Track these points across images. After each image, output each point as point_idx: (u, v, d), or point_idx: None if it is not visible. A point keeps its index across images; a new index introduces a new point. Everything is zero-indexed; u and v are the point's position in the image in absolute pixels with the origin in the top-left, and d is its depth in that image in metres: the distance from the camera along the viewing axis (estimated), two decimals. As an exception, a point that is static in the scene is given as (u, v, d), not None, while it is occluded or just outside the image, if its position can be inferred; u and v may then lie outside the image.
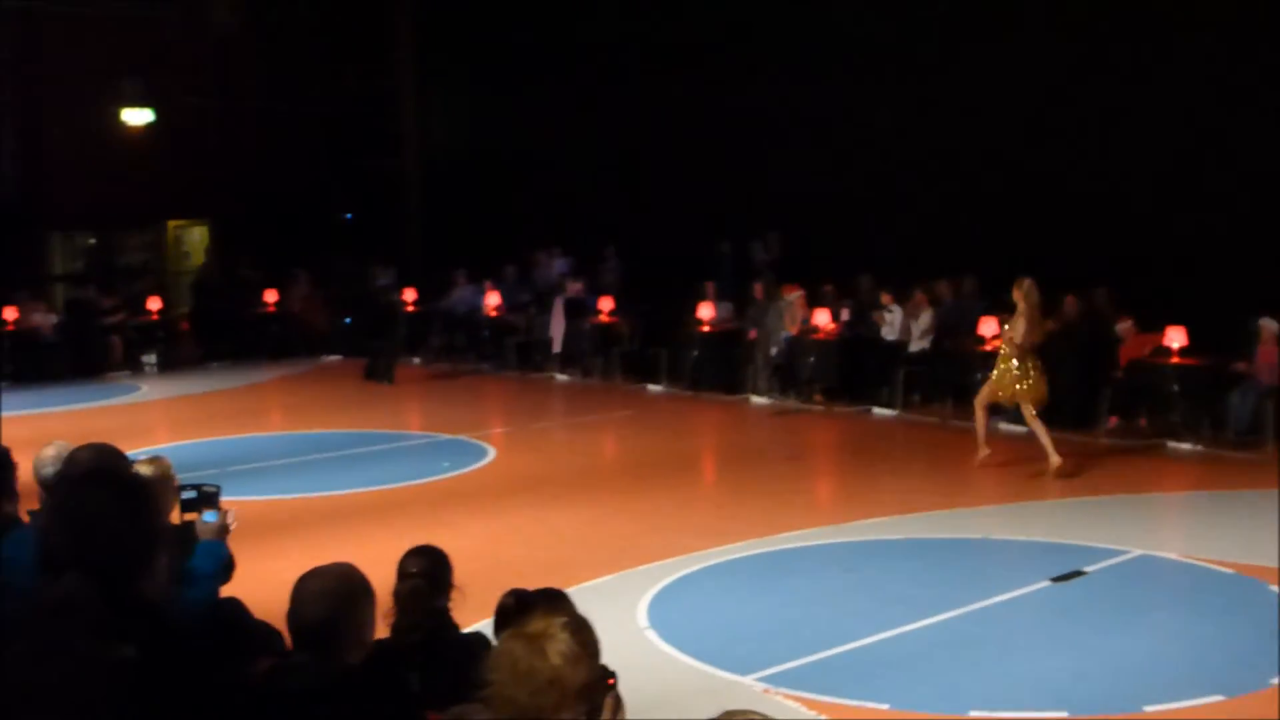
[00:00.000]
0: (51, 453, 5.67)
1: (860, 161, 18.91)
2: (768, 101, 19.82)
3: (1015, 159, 17.42)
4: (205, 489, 4.87)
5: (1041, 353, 13.31)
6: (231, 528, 5.36)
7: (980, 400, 13.59)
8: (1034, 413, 13.12)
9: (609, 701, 3.87)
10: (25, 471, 6.38)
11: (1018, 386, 13.09)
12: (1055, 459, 13.03)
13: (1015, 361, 13.09)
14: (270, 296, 23.15)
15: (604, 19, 22.27)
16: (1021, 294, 13.02)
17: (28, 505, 5.98)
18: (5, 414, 17.13)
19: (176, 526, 4.75)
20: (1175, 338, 14.46)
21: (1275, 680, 7.55)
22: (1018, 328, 13.05)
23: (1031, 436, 13.47)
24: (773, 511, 11.69)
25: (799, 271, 18.58)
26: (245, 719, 3.39)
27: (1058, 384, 15.19)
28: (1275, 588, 9.21)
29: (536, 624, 3.30)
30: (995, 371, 13.32)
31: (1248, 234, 15.29)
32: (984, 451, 13.42)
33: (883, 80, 18.70)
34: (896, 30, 18.58)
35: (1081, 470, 13.24)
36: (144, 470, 5.03)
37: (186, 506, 4.82)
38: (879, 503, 12.03)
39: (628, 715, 4.03)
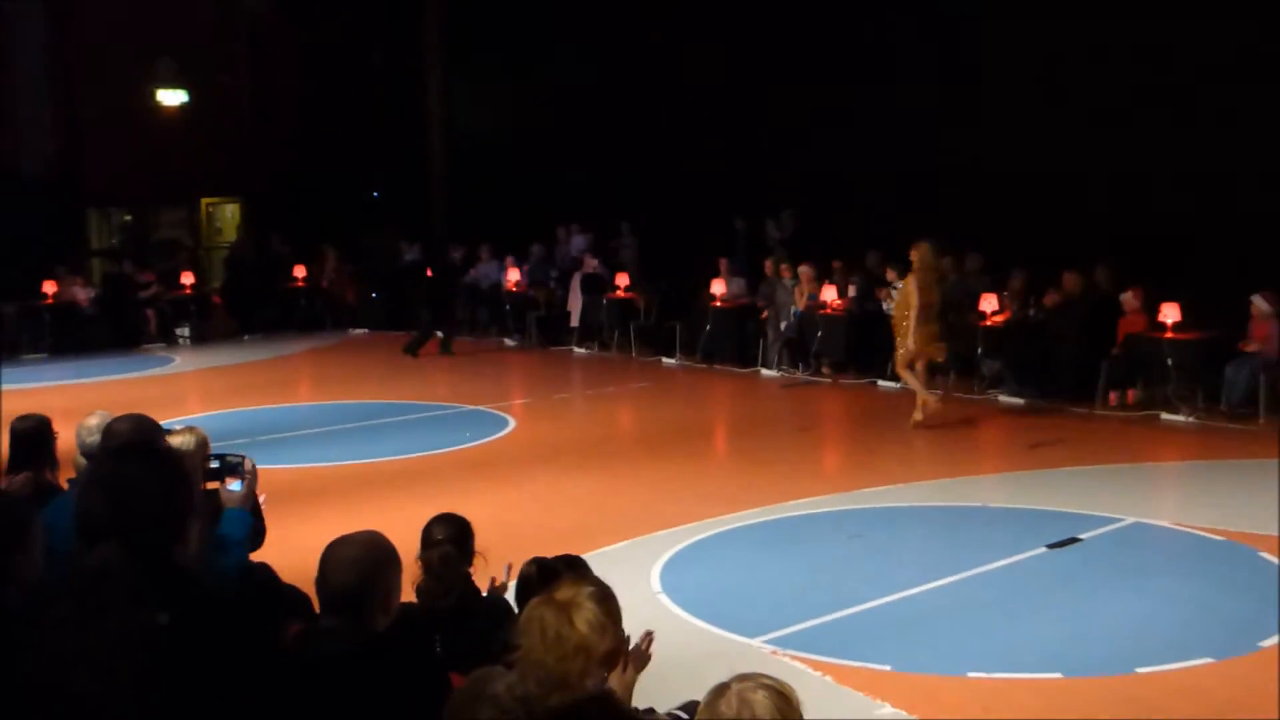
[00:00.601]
0: (94, 422, 5.72)
1: (871, 142, 18.83)
2: (783, 82, 19.75)
3: (1019, 139, 17.34)
4: (229, 458, 4.88)
5: (942, 313, 13.95)
6: (261, 500, 5.39)
7: (900, 365, 14.08)
8: (921, 367, 13.84)
9: (624, 662, 3.90)
10: (64, 440, 6.44)
11: (922, 344, 13.65)
12: (933, 405, 13.70)
13: (912, 321, 13.57)
14: (300, 272, 23.18)
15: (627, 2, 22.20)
16: (916, 256, 13.54)
17: (66, 474, 6.03)
18: (45, 384, 17.27)
19: (206, 494, 4.77)
20: (1170, 313, 14.42)
21: (1263, 643, 7.57)
22: (909, 288, 13.56)
23: (1028, 408, 13.46)
24: (782, 480, 11.71)
25: (811, 249, 18.55)
26: (276, 683, 3.41)
27: (1059, 357, 15.25)
28: (1265, 554, 9.22)
29: (565, 592, 3.32)
30: (898, 335, 13.80)
31: (1243, 213, 15.22)
32: (931, 404, 13.83)
33: (893, 63, 18.63)
34: (903, 15, 18.49)
35: (1078, 440, 13.23)
36: (179, 440, 5.05)
37: (210, 475, 4.84)
38: (884, 471, 12.05)
39: (641, 675, 4.06)
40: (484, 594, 5.39)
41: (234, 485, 4.84)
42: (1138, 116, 16.31)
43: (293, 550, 5.55)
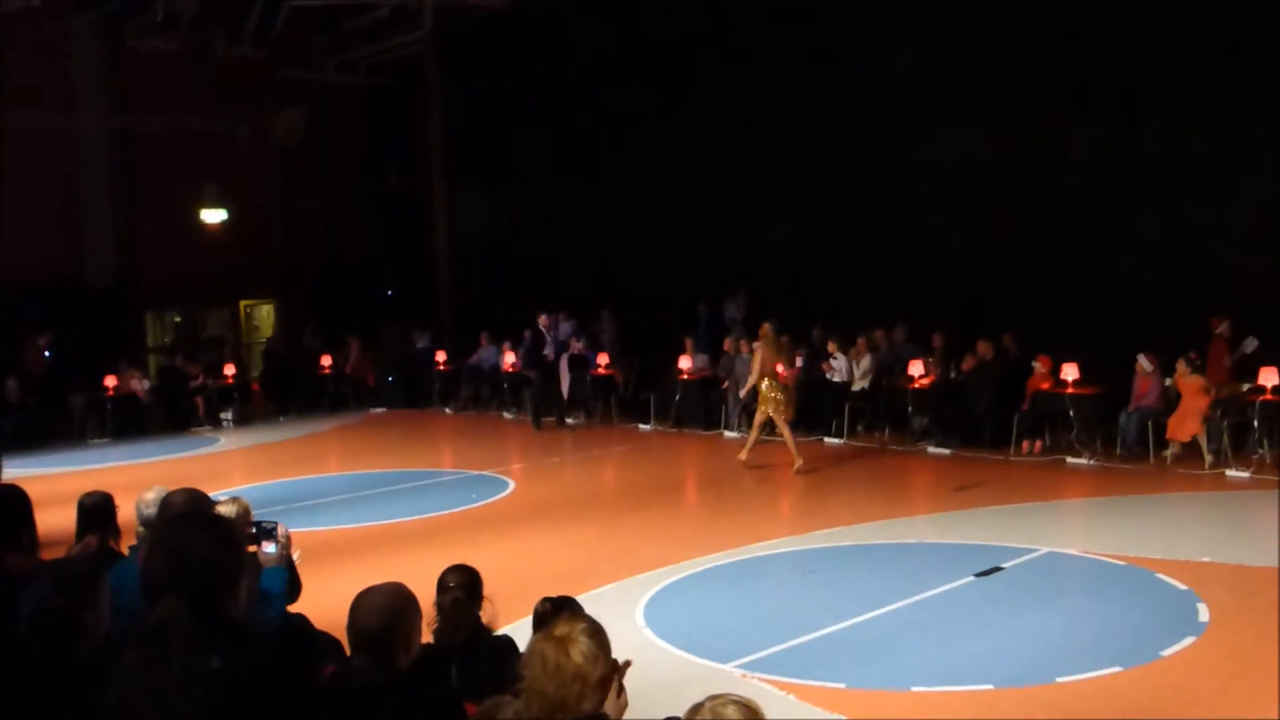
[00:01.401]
0: (151, 496, 5.67)
1: (811, 236, 19.00)
2: (737, 189, 19.93)
3: (937, 227, 17.51)
4: (264, 524, 4.88)
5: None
6: (295, 557, 5.34)
7: (756, 423, 14.70)
8: (759, 421, 14.54)
9: (615, 685, 3.87)
10: (125, 512, 6.39)
11: (773, 402, 14.18)
12: (799, 461, 14.21)
13: (765, 386, 14.20)
14: (327, 360, 23.16)
15: (601, 120, 22.41)
16: (761, 334, 14.44)
17: (127, 541, 5.98)
18: (108, 465, 17.14)
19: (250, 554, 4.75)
20: (1070, 371, 14.51)
21: (1164, 653, 7.55)
22: (757, 360, 14.31)
23: (953, 457, 13.50)
24: (746, 526, 11.68)
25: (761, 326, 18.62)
26: (315, 717, 3.38)
27: (977, 413, 15.31)
28: (1160, 575, 9.22)
29: (561, 628, 3.31)
30: (759, 397, 14.40)
31: (1130, 284, 15.38)
32: (750, 452, 14.78)
33: (823, 169, 18.81)
34: (825, 120, 18.71)
35: (997, 483, 13.24)
36: (225, 509, 5.02)
37: (249, 540, 4.83)
38: (832, 515, 12.02)
39: (629, 698, 4.03)
40: (493, 633, 5.34)
41: (269, 548, 4.83)
42: (1030, 204, 16.50)
43: (326, 601, 5.49)
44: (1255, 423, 13.30)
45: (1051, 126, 16.24)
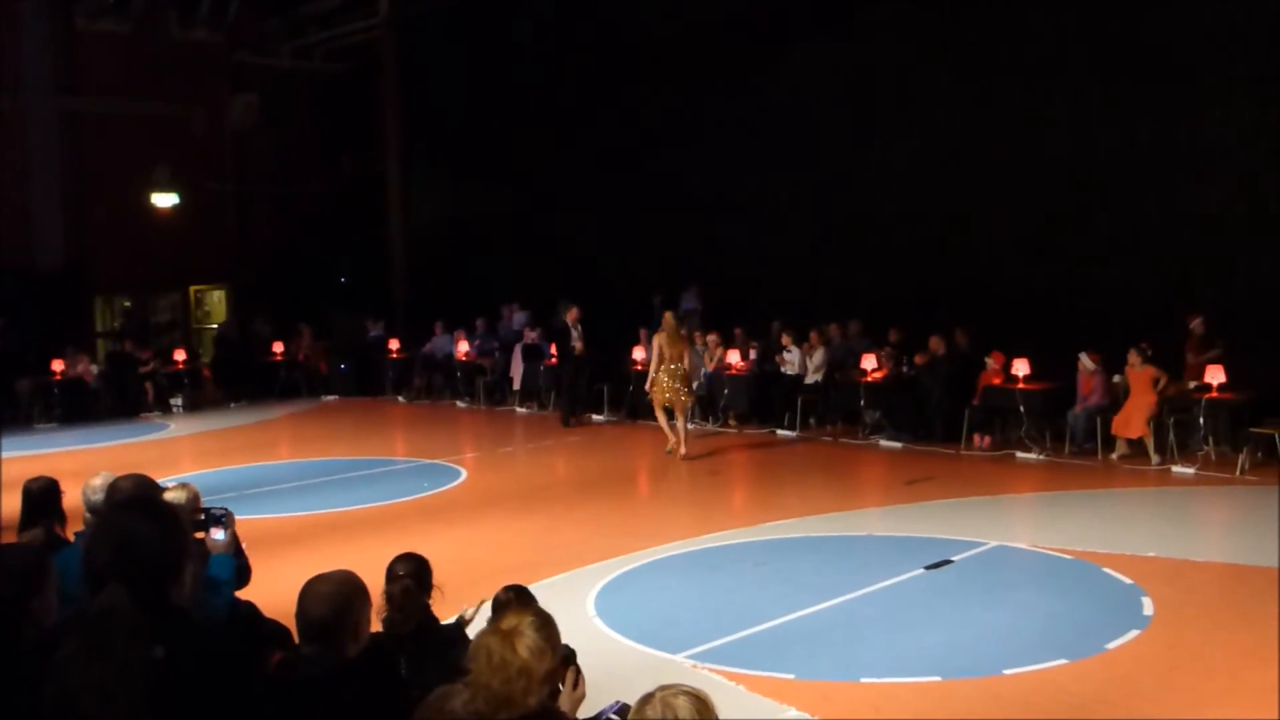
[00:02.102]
0: (98, 482, 5.58)
1: (767, 229, 19.05)
2: (695, 181, 19.92)
3: (891, 224, 17.61)
4: (213, 511, 4.82)
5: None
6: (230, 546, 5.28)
7: (657, 407, 14.96)
8: (661, 411, 14.87)
9: (570, 674, 3.85)
10: (71, 498, 6.29)
11: (673, 392, 14.59)
12: (683, 449, 14.60)
13: (664, 375, 14.55)
14: (278, 347, 22.96)
15: (559, 110, 22.34)
16: (663, 324, 14.70)
17: (74, 527, 5.89)
18: (55, 450, 16.90)
19: (197, 541, 4.68)
20: (1020, 367, 14.61)
21: (1109, 645, 7.63)
22: (656, 349, 14.67)
23: (905, 451, 13.58)
24: (697, 517, 11.69)
25: (716, 319, 18.66)
26: (262, 706, 3.34)
27: (929, 407, 15.40)
28: (1107, 570, 9.31)
29: (509, 621, 3.28)
30: (654, 385, 14.78)
31: (1084, 281, 15.53)
32: (671, 442, 14.90)
33: (781, 164, 18.85)
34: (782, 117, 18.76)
35: (948, 477, 13.33)
36: (173, 495, 4.95)
37: (198, 526, 4.77)
38: (784, 507, 12.04)
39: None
40: (442, 622, 5.31)
41: (218, 534, 4.77)
42: (983, 201, 16.61)
43: (275, 588, 5.43)
44: (1201, 420, 13.45)
45: (1006, 122, 16.35)
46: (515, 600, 4.86)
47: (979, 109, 16.67)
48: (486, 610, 5.03)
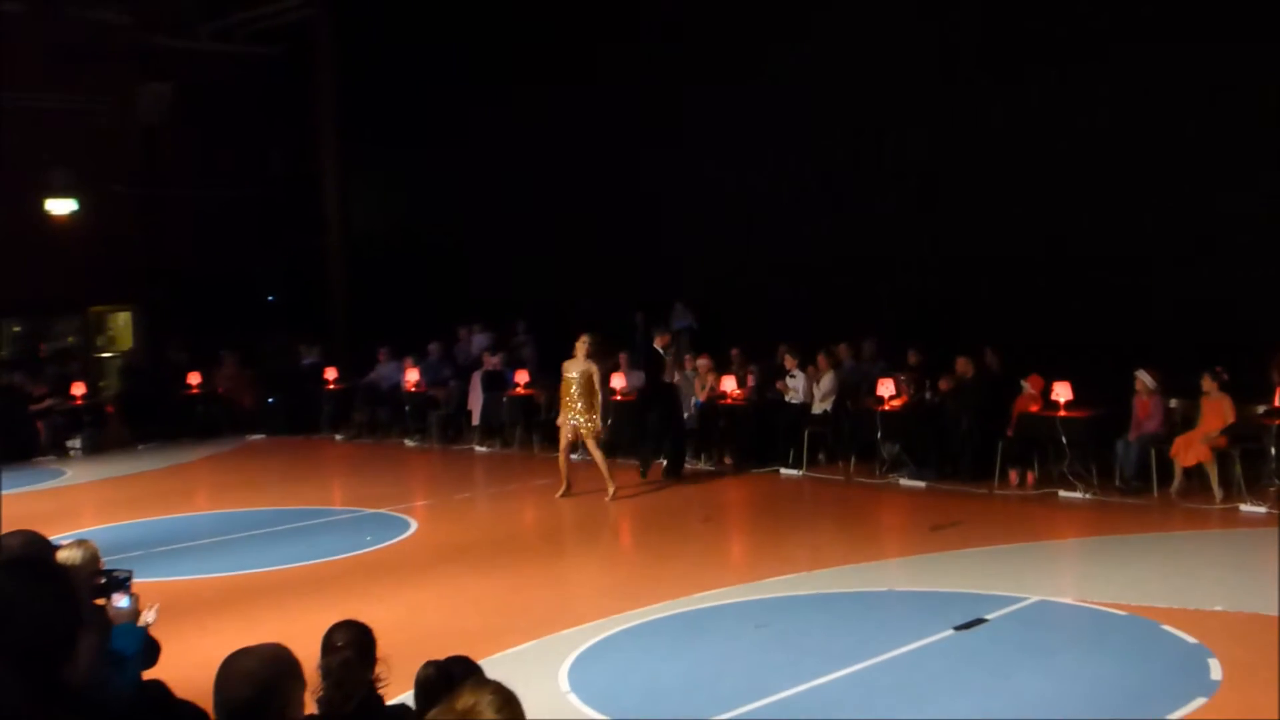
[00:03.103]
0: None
1: (767, 235, 19.08)
2: (680, 181, 19.96)
3: (909, 227, 17.65)
4: (116, 574, 4.74)
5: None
6: (150, 619, 5.20)
7: (562, 443, 15.48)
8: (595, 445, 15.21)
9: None
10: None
11: (580, 424, 15.10)
12: (612, 487, 15.10)
13: (576, 404, 15.09)
14: (195, 378, 22.86)
15: (519, 101, 22.36)
16: (581, 344, 15.12)
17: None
18: (-66, 501, 16.76)
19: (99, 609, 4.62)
20: (1061, 392, 14.63)
21: (1170, 717, 7.59)
22: (574, 372, 15.11)
23: (928, 491, 13.61)
24: (688, 572, 11.64)
25: (708, 339, 18.67)
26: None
27: (956, 439, 15.39)
28: (1166, 627, 9.29)
29: (465, 699, 3.23)
30: (562, 414, 15.31)
31: (1135, 292, 15.56)
32: (563, 487, 15.43)
33: (782, 162, 18.90)
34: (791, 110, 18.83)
35: (979, 521, 13.31)
36: (66, 555, 4.88)
37: (97, 591, 4.69)
38: (789, 559, 12.01)
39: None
40: (389, 702, 5.24)
41: (121, 601, 4.70)
42: (1016, 202, 16.66)
43: (192, 664, 5.37)
44: (1272, 450, 13.47)
45: (1040, 106, 16.43)
46: (448, 677, 4.78)
47: (1007, 101, 16.75)
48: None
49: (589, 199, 21.23)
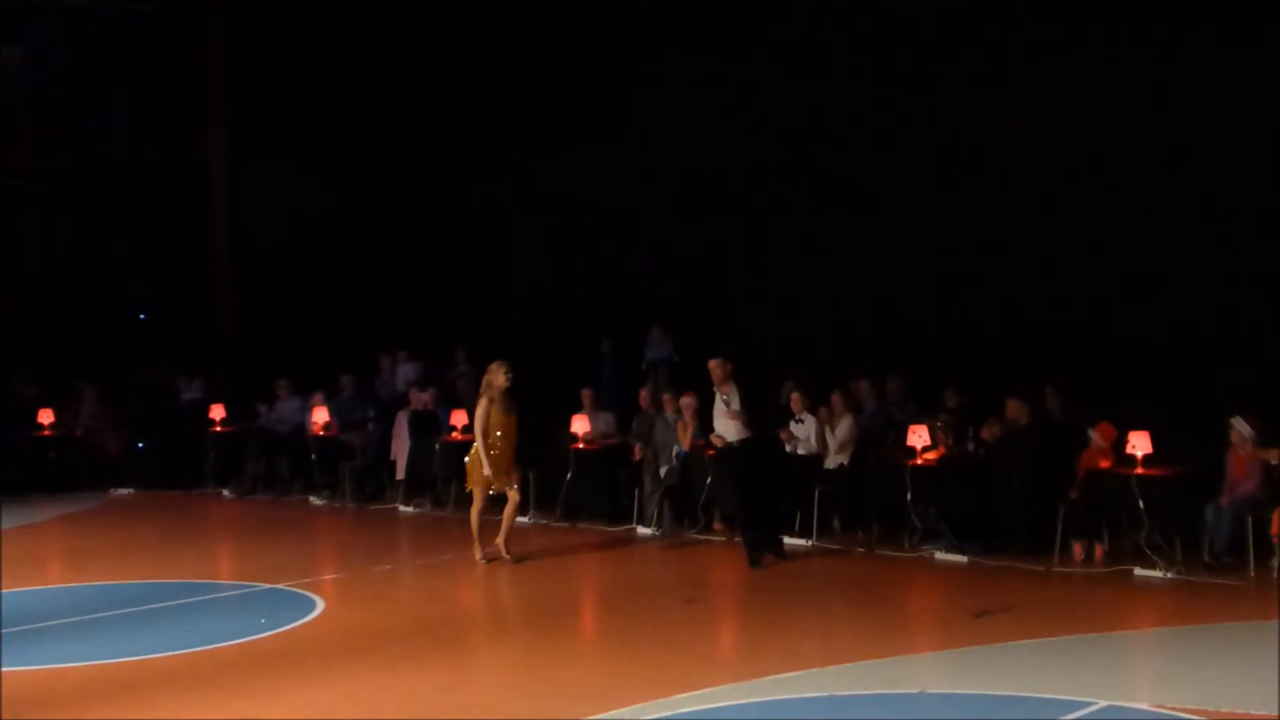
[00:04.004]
0: None
1: (760, 243, 19.09)
2: (657, 175, 19.99)
3: (945, 232, 17.68)
4: None
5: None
6: None
7: (479, 498, 15.82)
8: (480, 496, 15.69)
9: None
10: None
11: (480, 475, 15.52)
12: (502, 541, 15.58)
13: (482, 449, 15.45)
14: (47, 417, 22.73)
15: (455, 81, 22.38)
16: (490, 377, 15.44)
17: None
18: None
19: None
20: (1139, 444, 14.61)
21: None
22: (481, 411, 15.43)
23: (971, 567, 13.57)
24: (668, 667, 11.56)
25: (692, 374, 18.64)
26: None
27: (1006, 503, 15.36)
28: (1269, 742, 9.27)
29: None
30: (479, 465, 15.58)
31: (1223, 321, 15.61)
32: (491, 548, 15.69)
33: (781, 148, 18.95)
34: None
35: (1035, 606, 13.28)
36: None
37: None
38: (795, 653, 11.93)
39: None
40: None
41: None
42: (1084, 206, 16.74)
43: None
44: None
45: (1107, 76, 16.56)
46: None
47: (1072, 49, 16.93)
48: None
49: (543, 196, 21.21)
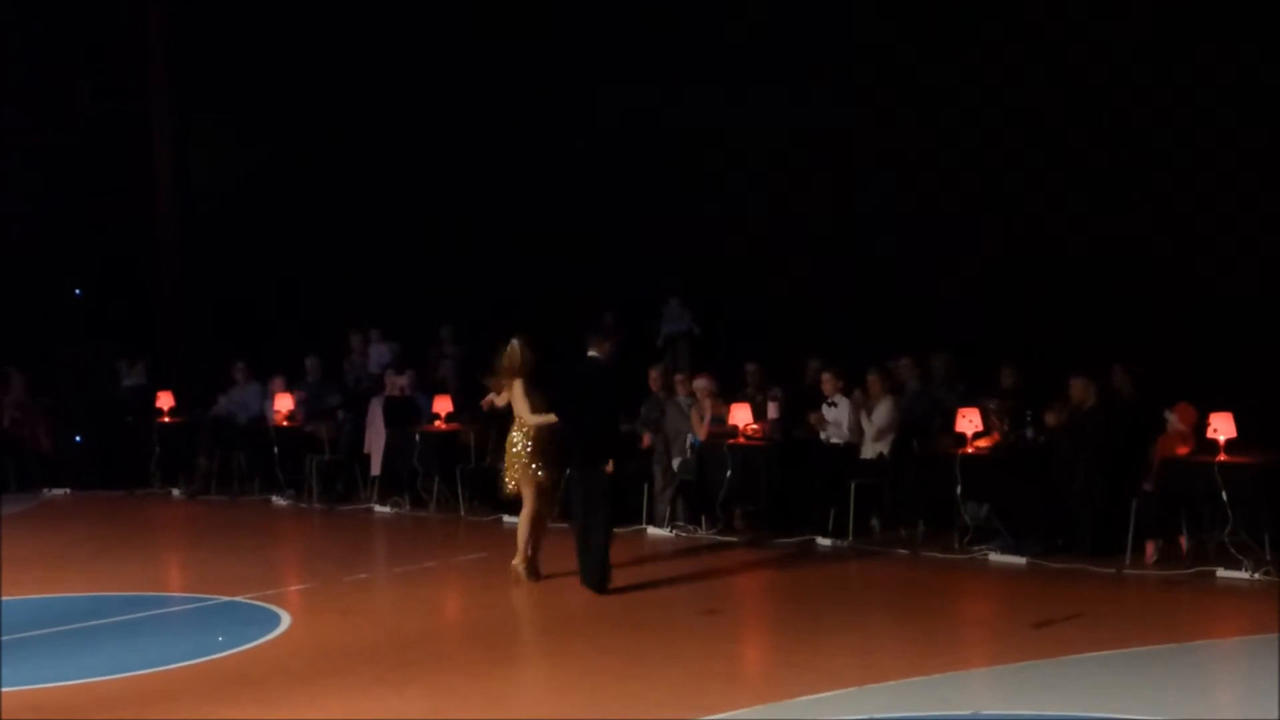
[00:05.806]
0: None
1: (786, 201, 19.12)
2: (670, 121, 20.02)
3: (996, 188, 17.71)
4: None
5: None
6: None
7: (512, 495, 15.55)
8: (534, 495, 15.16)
9: None
10: None
11: (530, 472, 15.03)
12: (522, 556, 15.24)
13: (519, 441, 15.03)
14: (-34, 408, 22.85)
15: (430, 18, 22.40)
16: (509, 360, 15.01)
17: None
18: None
19: None
20: (1222, 427, 14.62)
21: None
22: (517, 400, 14.97)
23: (1030, 570, 13.62)
24: (684, 687, 11.61)
25: (711, 353, 18.69)
26: None
27: (1070, 497, 15.38)
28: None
29: None
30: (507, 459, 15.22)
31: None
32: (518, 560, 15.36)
33: (810, 92, 19.00)
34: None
35: (1103, 614, 13.32)
36: None
37: None
38: (830, 671, 11.96)
39: None
40: None
41: None
42: (1150, 159, 16.78)
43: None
44: None
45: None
46: None
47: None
48: None
49: (541, 149, 21.23)
